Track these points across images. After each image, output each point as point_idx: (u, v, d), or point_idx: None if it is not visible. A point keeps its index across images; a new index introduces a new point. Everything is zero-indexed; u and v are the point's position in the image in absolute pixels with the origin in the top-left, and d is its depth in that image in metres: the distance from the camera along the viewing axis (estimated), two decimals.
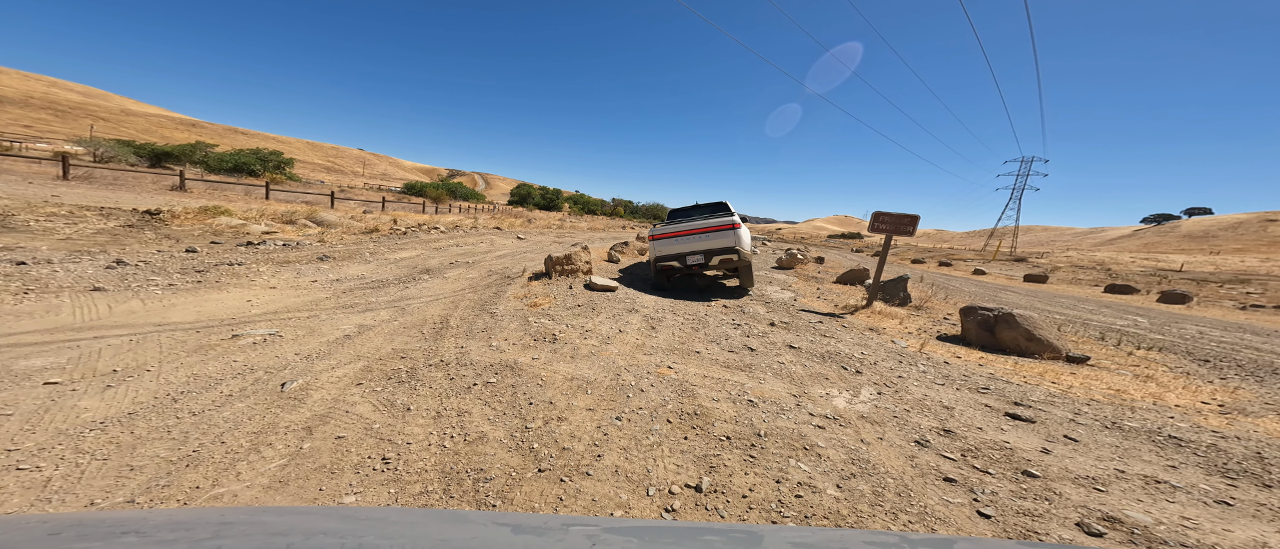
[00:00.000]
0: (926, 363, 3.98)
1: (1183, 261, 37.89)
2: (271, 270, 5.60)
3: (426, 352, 3.25)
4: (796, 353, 3.92)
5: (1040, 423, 2.78)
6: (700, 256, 6.05)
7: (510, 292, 5.44)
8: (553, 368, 3.09)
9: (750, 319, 5.22)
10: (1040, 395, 3.29)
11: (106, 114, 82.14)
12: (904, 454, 2.32)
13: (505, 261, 8.48)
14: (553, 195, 67.30)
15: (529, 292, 5.47)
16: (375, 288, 5.34)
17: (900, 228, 6.45)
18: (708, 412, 2.60)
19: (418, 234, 11.50)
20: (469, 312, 4.47)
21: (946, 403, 3.01)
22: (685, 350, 3.72)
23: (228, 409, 2.23)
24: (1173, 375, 4.35)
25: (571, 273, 6.25)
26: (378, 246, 8.80)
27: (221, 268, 5.40)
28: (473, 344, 3.47)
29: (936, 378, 3.55)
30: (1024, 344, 4.70)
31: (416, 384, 2.69)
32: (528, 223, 25.25)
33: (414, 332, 3.74)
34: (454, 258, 8.35)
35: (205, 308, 3.92)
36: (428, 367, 2.97)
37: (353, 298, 4.78)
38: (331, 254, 7.25)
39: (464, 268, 7.29)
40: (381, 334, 3.61)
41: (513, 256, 9.35)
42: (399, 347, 3.33)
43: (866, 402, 2.95)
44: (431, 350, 3.28)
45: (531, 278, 6.26)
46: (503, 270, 7.22)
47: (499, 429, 2.25)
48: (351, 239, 9.38)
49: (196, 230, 8.32)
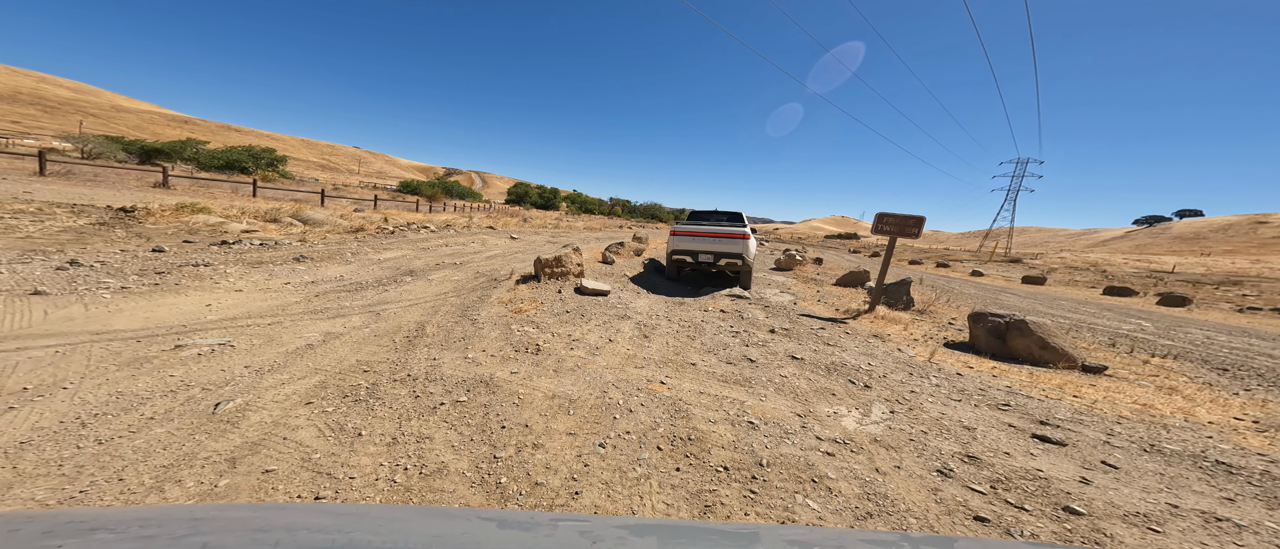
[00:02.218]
0: (938, 375, 3.71)
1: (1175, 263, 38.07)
2: (241, 271, 5.26)
3: (394, 364, 2.94)
4: (799, 364, 3.64)
5: (1072, 446, 2.51)
6: (711, 256, 6.90)
7: (495, 296, 5.13)
8: (533, 384, 2.79)
9: (749, 325, 4.94)
10: (1066, 412, 3.03)
11: (97, 110, 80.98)
12: (926, 486, 2.04)
13: (495, 263, 8.16)
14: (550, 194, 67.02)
15: (515, 296, 5.16)
16: (352, 291, 5.02)
17: (904, 230, 6.20)
18: (703, 436, 2.31)
19: (406, 233, 11.15)
20: (449, 318, 4.16)
21: (966, 422, 2.73)
22: (680, 362, 3.43)
23: (143, 436, 1.92)
24: (1196, 387, 4.10)
25: (562, 275, 5.95)
26: (362, 246, 8.46)
27: (186, 269, 5.06)
28: (447, 356, 3.16)
29: (951, 392, 3.28)
30: (1037, 353, 4.45)
31: (375, 404, 2.38)
32: (523, 222, 24.90)
33: (385, 341, 3.43)
34: (441, 259, 8.03)
35: (156, 313, 3.59)
36: (392, 382, 2.66)
37: (325, 302, 4.46)
38: (310, 254, 6.91)
39: (450, 269, 6.96)
40: (348, 344, 3.29)
41: (504, 257, 9.03)
42: (365, 358, 3.02)
43: (879, 422, 2.67)
44: (400, 363, 2.98)
45: (519, 281, 5.95)
46: (491, 272, 6.91)
47: (463, 459, 1.96)
48: (335, 238, 9.03)
49: (171, 229, 7.95)
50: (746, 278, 7.25)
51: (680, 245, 6.99)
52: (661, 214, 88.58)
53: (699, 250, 6.89)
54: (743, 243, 6.82)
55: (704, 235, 6.93)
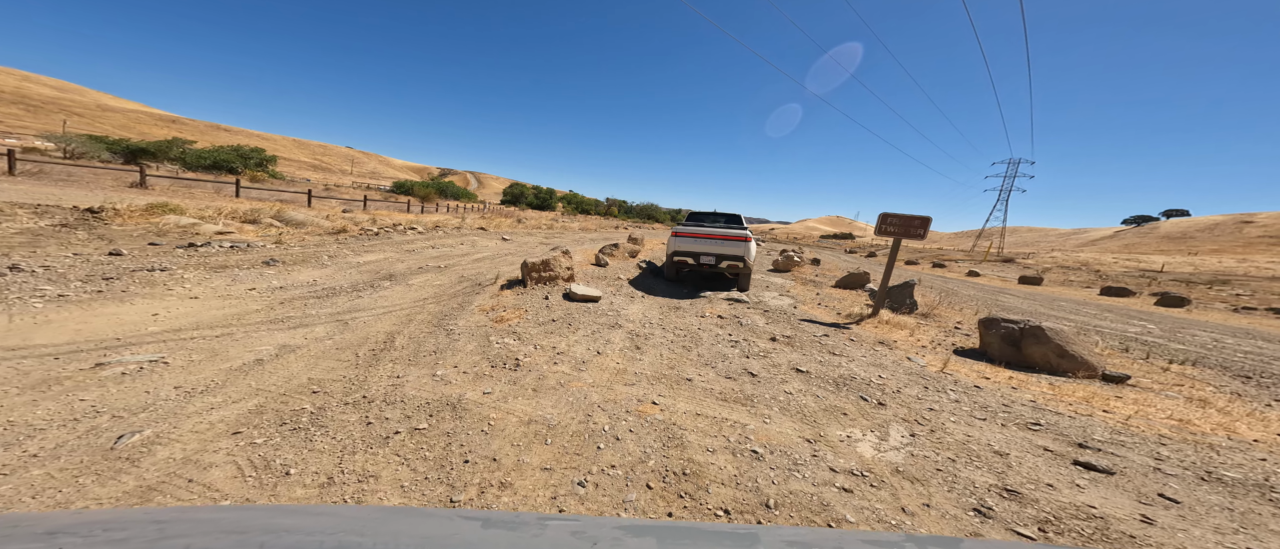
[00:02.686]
0: (955, 388, 3.42)
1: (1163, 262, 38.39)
2: (201, 276, 4.87)
3: (350, 383, 2.60)
4: (805, 378, 3.33)
5: (1121, 474, 2.21)
6: (712, 258, 6.88)
7: (477, 303, 4.77)
8: (507, 406, 2.46)
9: (749, 333, 4.63)
10: (1102, 432, 2.74)
11: (81, 109, 79.46)
12: (963, 530, 1.73)
13: (482, 266, 7.80)
14: (546, 195, 66.63)
15: (498, 303, 4.80)
16: (323, 297, 4.65)
17: (909, 231, 5.93)
18: (700, 469, 1.99)
19: (391, 235, 10.75)
20: (422, 328, 3.80)
21: (997, 446, 2.43)
22: (674, 378, 3.11)
23: (14, 479, 1.57)
24: (1226, 398, 3.84)
25: (550, 280, 5.60)
26: (342, 249, 8.06)
27: (139, 274, 4.66)
28: (413, 373, 2.81)
29: (974, 409, 2.99)
30: (1055, 361, 4.18)
31: (317, 433, 2.04)
32: (517, 223, 24.49)
33: (347, 354, 3.08)
34: (426, 261, 7.65)
35: (90, 325, 3.21)
36: (343, 406, 2.31)
37: (290, 310, 4.09)
38: (283, 257, 6.51)
39: (433, 273, 6.60)
40: (303, 358, 2.94)
41: (492, 260, 8.67)
42: (319, 376, 2.67)
43: (899, 447, 2.36)
44: (357, 381, 2.63)
45: (504, 286, 5.58)
46: (477, 276, 6.55)
47: (411, 504, 1.62)
48: (314, 241, 8.62)
49: (137, 230, 7.51)
50: (746, 279, 7.24)
51: (682, 247, 6.93)
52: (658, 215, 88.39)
53: (701, 252, 6.87)
54: (744, 245, 6.84)
55: (706, 237, 6.91)
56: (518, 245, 12.35)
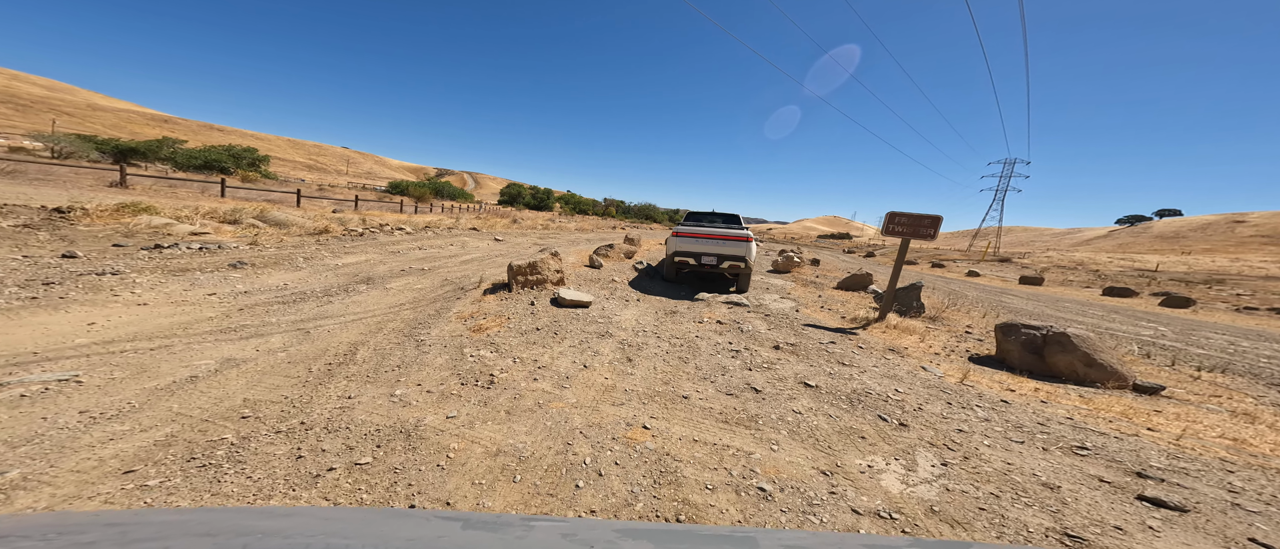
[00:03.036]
0: (981, 403, 3.09)
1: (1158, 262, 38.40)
2: (155, 281, 4.49)
3: (291, 405, 2.24)
4: (815, 394, 2.99)
5: (1195, 511, 1.88)
6: (714, 258, 6.80)
7: (456, 310, 4.40)
8: (474, 432, 2.10)
9: (750, 340, 4.29)
10: (1157, 455, 2.41)
11: (72, 108, 78.53)
12: None
13: (469, 268, 7.43)
14: (544, 195, 66.26)
15: (480, 310, 4.44)
16: (289, 303, 4.28)
17: (918, 231, 5.61)
18: (699, 513, 1.65)
19: (377, 236, 10.36)
20: (391, 338, 3.44)
21: (1044, 476, 2.10)
22: (669, 395, 2.76)
23: None
24: (1271, 412, 3.53)
25: (537, 284, 5.24)
26: (322, 250, 7.68)
27: (87, 278, 4.28)
28: (369, 392, 2.46)
29: (1007, 429, 2.66)
30: (1082, 370, 3.87)
31: (231, 470, 1.68)
32: (513, 223, 24.10)
33: (298, 370, 2.72)
34: (410, 263, 7.28)
35: (9, 337, 2.83)
36: (274, 434, 1.95)
37: (247, 317, 3.72)
38: (254, 259, 6.13)
39: (416, 276, 6.23)
40: (246, 374, 2.58)
41: (481, 262, 8.30)
42: (257, 396, 2.31)
43: (931, 479, 2.03)
44: (300, 403, 2.27)
45: (488, 291, 5.20)
46: (461, 279, 6.18)
47: None
48: (293, 242, 8.23)
49: (104, 231, 7.11)
50: (746, 280, 7.18)
51: (683, 247, 6.86)
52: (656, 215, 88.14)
53: (702, 252, 6.81)
54: (745, 246, 6.81)
55: (707, 237, 6.85)
56: (510, 246, 11.98)
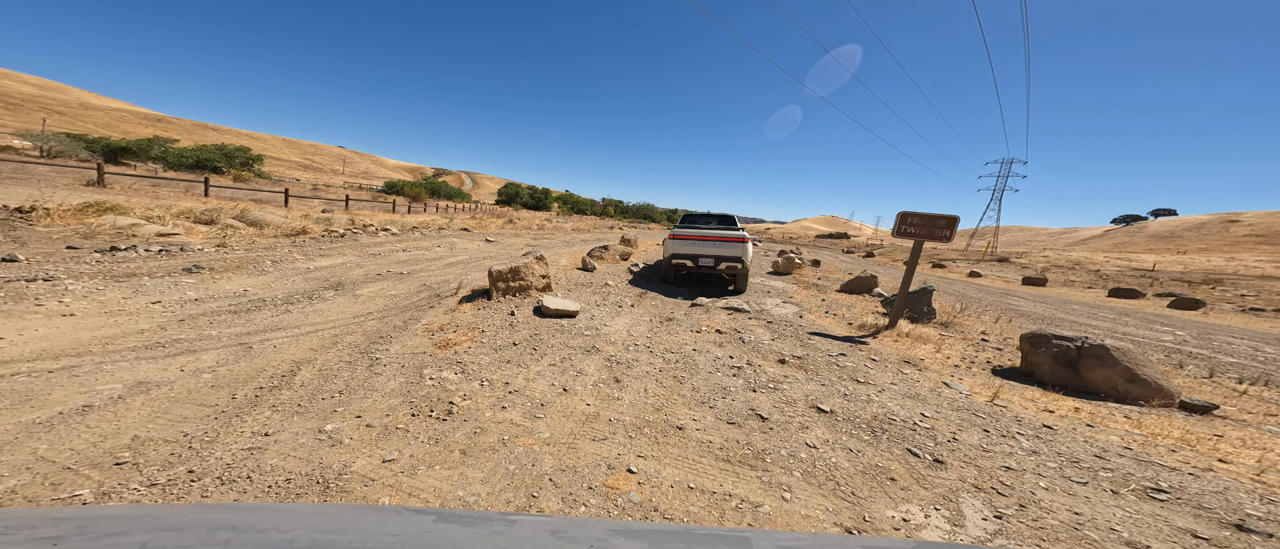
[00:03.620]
0: (1022, 429, 2.68)
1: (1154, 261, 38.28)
2: (93, 287, 4.05)
3: (187, 445, 1.81)
4: (830, 422, 2.58)
5: None
6: (711, 260, 6.82)
7: (425, 321, 3.96)
8: (413, 483, 1.68)
9: (753, 353, 3.88)
10: (1247, 498, 2.01)
11: (63, 107, 77.58)
12: None
13: (453, 272, 7.00)
14: (541, 195, 65.85)
15: (452, 320, 4.00)
16: (241, 312, 3.85)
17: (933, 232, 5.21)
18: None
19: (360, 237, 9.90)
20: (342, 356, 3.01)
21: (1126, 532, 1.69)
22: (661, 425, 2.35)
23: None
24: None
25: (521, 291, 4.80)
26: (296, 252, 7.23)
27: (14, 285, 3.83)
28: (293, 427, 2.03)
29: (1061, 464, 2.25)
30: (1123, 387, 3.47)
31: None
32: (508, 223, 23.65)
33: (219, 395, 2.29)
34: (389, 267, 6.85)
35: None
36: (146, 488, 1.53)
37: (185, 330, 3.28)
38: (216, 263, 5.68)
39: (392, 281, 5.79)
40: (154, 402, 2.15)
41: (466, 265, 7.87)
42: (150, 434, 1.88)
43: (985, 538, 1.62)
44: (200, 443, 1.84)
45: (466, 299, 4.75)
46: (441, 285, 5.75)
47: None
48: (266, 243, 7.77)
49: (64, 232, 6.65)
50: (743, 280, 7.27)
51: (681, 249, 6.90)
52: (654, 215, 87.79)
53: (700, 254, 6.84)
54: (742, 246, 6.85)
55: (704, 239, 6.89)
56: (501, 248, 11.55)
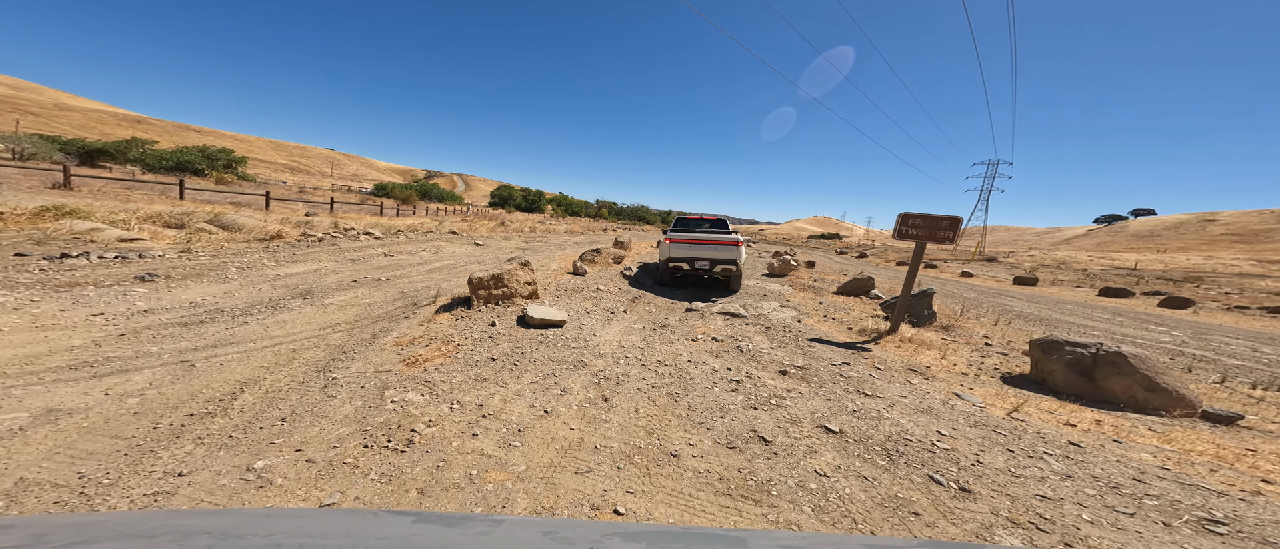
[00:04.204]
0: (1049, 448, 2.46)
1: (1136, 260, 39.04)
2: (27, 299, 3.67)
3: (78, 490, 1.50)
4: (840, 443, 2.33)
5: None
6: (707, 263, 7.00)
7: (397, 334, 3.63)
8: None
9: (752, 363, 3.64)
10: None
11: (37, 108, 75.29)
12: None
13: (435, 278, 6.67)
14: (535, 197, 65.43)
15: (426, 333, 3.67)
16: (192, 325, 3.50)
17: (935, 233, 5.02)
18: None
19: (340, 241, 9.49)
20: (295, 375, 2.69)
21: None
22: (653, 452, 2.07)
23: None
24: None
25: (504, 299, 4.49)
26: (266, 258, 6.84)
27: None
28: (215, 464, 1.72)
29: (1100, 490, 2.02)
30: (1142, 396, 3.29)
31: None
32: (500, 226, 23.24)
33: (140, 425, 1.97)
34: (367, 273, 6.49)
35: None
36: None
37: (122, 346, 2.94)
38: (174, 271, 5.29)
39: (367, 288, 5.45)
40: (57, 436, 1.83)
41: (450, 270, 7.53)
42: (36, 476, 1.57)
43: None
44: (94, 487, 1.53)
45: (444, 308, 4.41)
46: (420, 292, 5.41)
47: None
48: (235, 248, 7.36)
49: (14, 238, 6.22)
50: (737, 281, 7.50)
51: (676, 253, 7.02)
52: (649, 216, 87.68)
53: (695, 257, 6.97)
54: (736, 249, 7.00)
55: (699, 242, 7.00)
56: (491, 251, 11.20)
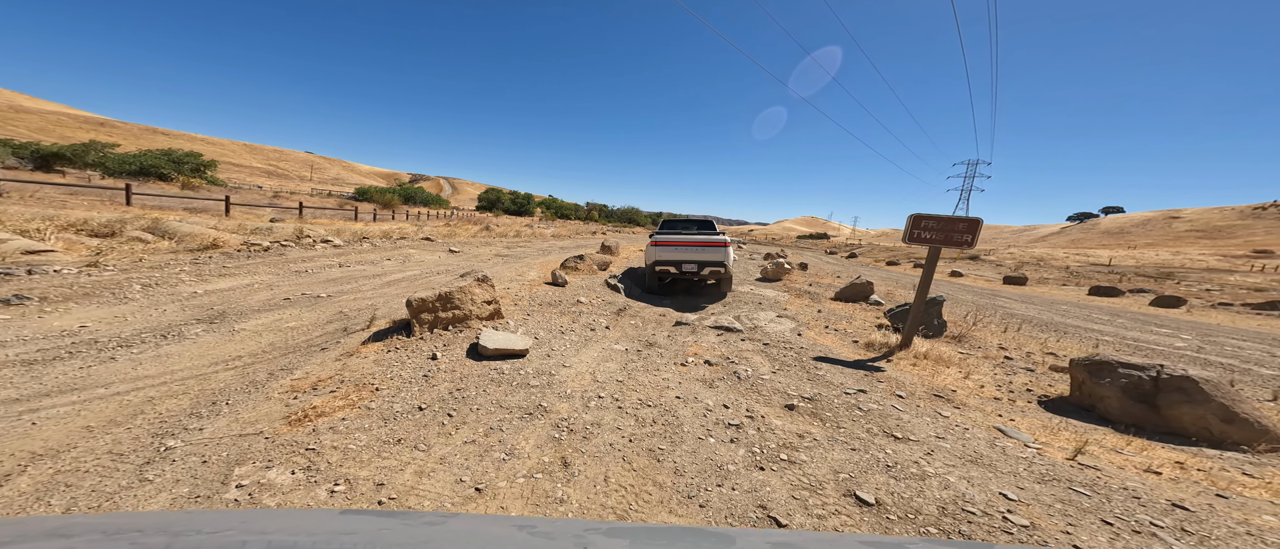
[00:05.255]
0: (1152, 514, 1.85)
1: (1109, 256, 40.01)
2: None
3: None
4: (880, 520, 1.69)
5: None
6: (694, 266, 6.74)
7: (303, 372, 2.83)
8: None
9: (753, 395, 3.00)
10: None
11: None
12: None
13: (390, 293, 5.89)
14: (524, 200, 64.40)
15: (340, 371, 2.87)
16: (43, 362, 2.71)
17: (951, 237, 4.46)
18: None
19: (289, 250, 8.57)
20: (120, 441, 1.93)
21: None
22: None
23: None
24: None
25: (455, 323, 3.70)
26: (191, 272, 5.97)
27: None
28: None
29: None
30: (1218, 428, 2.76)
31: None
32: (484, 230, 22.32)
33: None
34: (309, 288, 5.69)
35: None
36: None
37: None
38: (60, 290, 4.42)
39: (299, 308, 4.66)
40: None
41: (412, 282, 6.75)
42: None
43: None
44: None
45: (376, 336, 3.55)
46: (362, 312, 4.64)
47: None
48: (155, 261, 6.45)
49: None
50: (727, 284, 7.35)
51: (663, 256, 6.81)
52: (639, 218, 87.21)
53: (683, 260, 6.74)
54: (724, 251, 6.81)
55: (686, 244, 6.78)
56: (467, 259, 10.39)
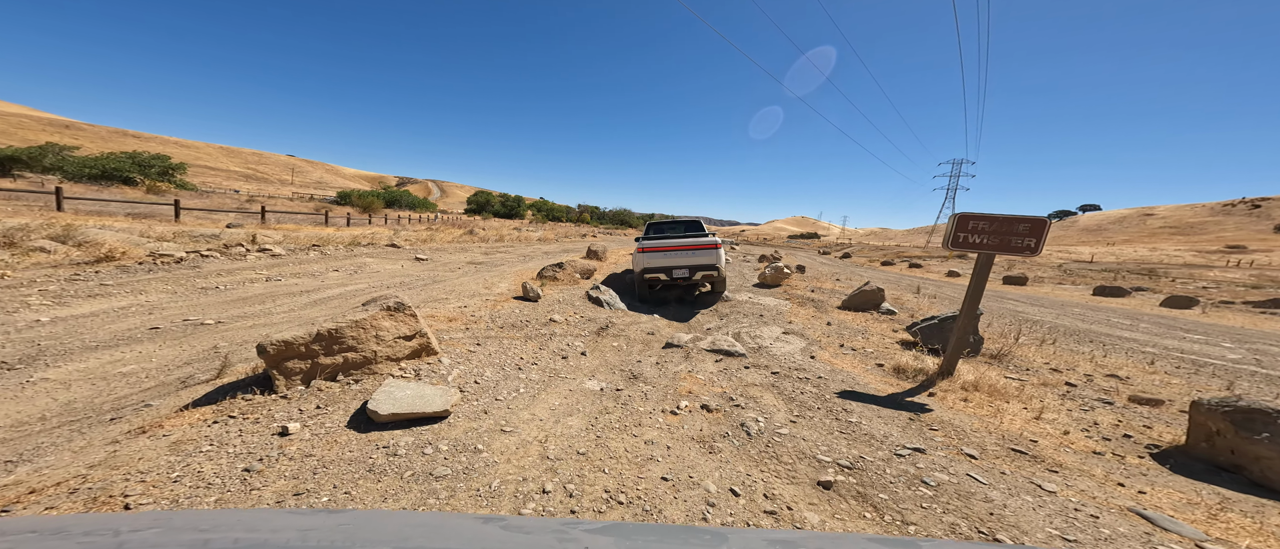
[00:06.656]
0: None
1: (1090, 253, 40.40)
2: None
3: None
4: None
5: None
6: (686, 271, 6.45)
7: (10, 479, 1.82)
8: None
9: (768, 460, 2.03)
10: None
11: None
12: None
13: (306, 315, 4.82)
14: (514, 203, 63.18)
15: (107, 460, 1.73)
16: None
17: (1010, 241, 3.49)
18: None
19: (209, 262, 7.36)
20: None
21: None
22: None
23: None
24: None
25: (349, 370, 2.49)
26: (47, 291, 4.83)
27: None
28: None
29: None
30: None
31: None
32: (468, 234, 21.14)
33: None
34: (198, 312, 4.59)
35: None
36: None
37: None
38: None
39: (160, 343, 3.54)
40: None
41: (345, 299, 5.68)
42: None
43: None
44: None
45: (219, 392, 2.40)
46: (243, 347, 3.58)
47: None
48: (24, 276, 5.27)
49: None
50: (721, 286, 7.12)
51: (653, 263, 6.44)
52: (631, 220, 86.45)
53: (673, 266, 6.41)
54: (715, 252, 6.53)
55: (676, 249, 6.44)
56: (432, 269, 9.30)
